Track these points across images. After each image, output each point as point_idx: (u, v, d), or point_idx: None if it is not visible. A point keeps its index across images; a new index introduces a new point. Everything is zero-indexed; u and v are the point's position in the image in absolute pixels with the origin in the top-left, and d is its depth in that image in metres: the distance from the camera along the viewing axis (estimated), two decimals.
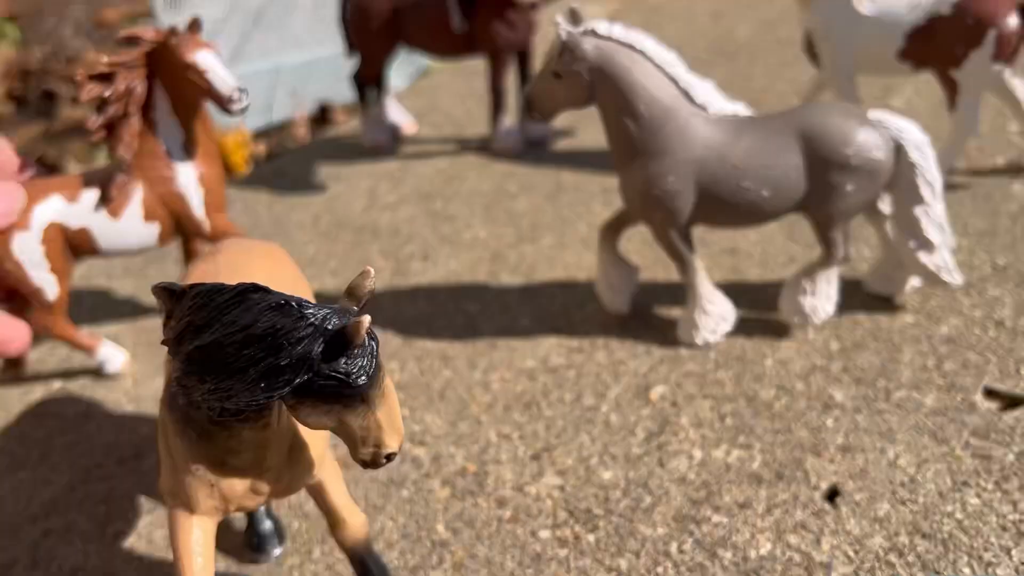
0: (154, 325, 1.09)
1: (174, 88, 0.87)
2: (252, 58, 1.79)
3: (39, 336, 1.00)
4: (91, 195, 0.89)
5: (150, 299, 1.10)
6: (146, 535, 0.77)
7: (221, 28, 1.72)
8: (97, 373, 0.99)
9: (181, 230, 0.95)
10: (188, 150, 0.91)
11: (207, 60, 0.85)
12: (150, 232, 0.92)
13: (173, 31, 0.85)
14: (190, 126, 0.90)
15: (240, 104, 0.85)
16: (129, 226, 0.90)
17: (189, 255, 1.00)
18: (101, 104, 0.85)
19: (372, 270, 0.46)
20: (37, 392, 1.00)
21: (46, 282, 0.88)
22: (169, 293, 0.47)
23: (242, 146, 1.66)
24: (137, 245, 0.92)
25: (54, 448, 0.90)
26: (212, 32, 1.73)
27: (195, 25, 0.86)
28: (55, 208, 0.87)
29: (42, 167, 0.94)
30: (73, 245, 0.90)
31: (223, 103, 0.85)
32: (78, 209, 0.88)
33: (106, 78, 0.85)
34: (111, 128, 0.88)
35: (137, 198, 0.90)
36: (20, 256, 0.86)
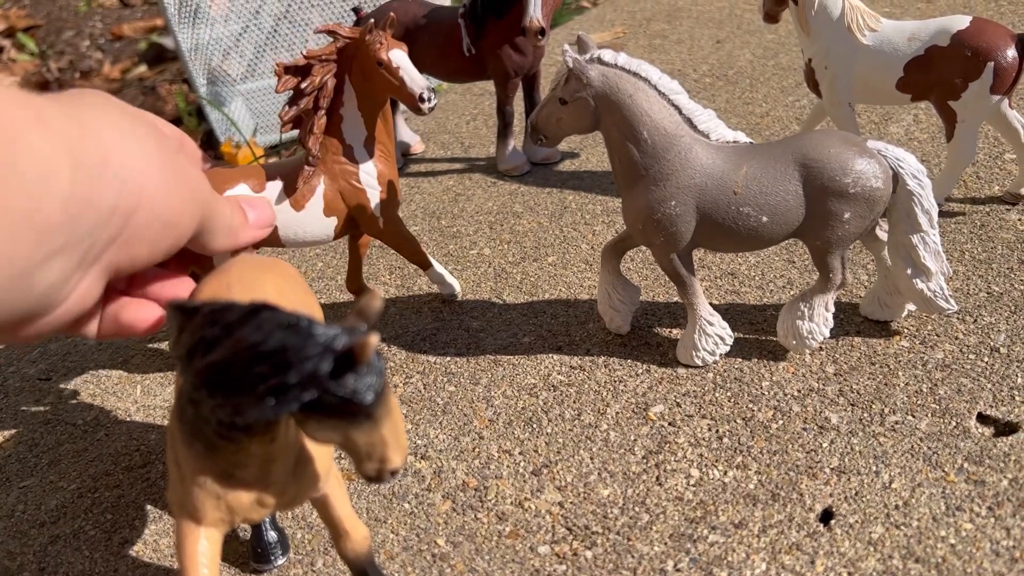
0: (164, 336, 1.11)
1: (363, 85, 0.88)
2: (265, 75, 1.83)
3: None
4: (276, 186, 0.89)
5: None
6: (152, 543, 0.78)
7: (236, 45, 1.76)
8: (107, 381, 1.01)
9: (354, 226, 0.95)
10: (369, 147, 0.92)
11: (400, 59, 0.86)
12: (327, 226, 0.92)
13: (369, 28, 0.85)
14: (373, 123, 0.91)
15: (429, 104, 0.87)
16: (309, 219, 0.91)
17: (355, 252, 1.02)
18: (294, 96, 0.86)
19: (380, 292, 0.47)
20: (48, 399, 1.01)
21: None
22: (181, 310, 0.49)
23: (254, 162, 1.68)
24: (313, 239, 0.93)
25: (63, 455, 0.91)
26: (227, 49, 1.76)
27: (390, 23, 0.87)
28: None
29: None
30: None
31: (413, 102, 0.87)
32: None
33: (302, 71, 0.85)
34: (299, 122, 0.88)
35: (319, 192, 0.91)
36: None
